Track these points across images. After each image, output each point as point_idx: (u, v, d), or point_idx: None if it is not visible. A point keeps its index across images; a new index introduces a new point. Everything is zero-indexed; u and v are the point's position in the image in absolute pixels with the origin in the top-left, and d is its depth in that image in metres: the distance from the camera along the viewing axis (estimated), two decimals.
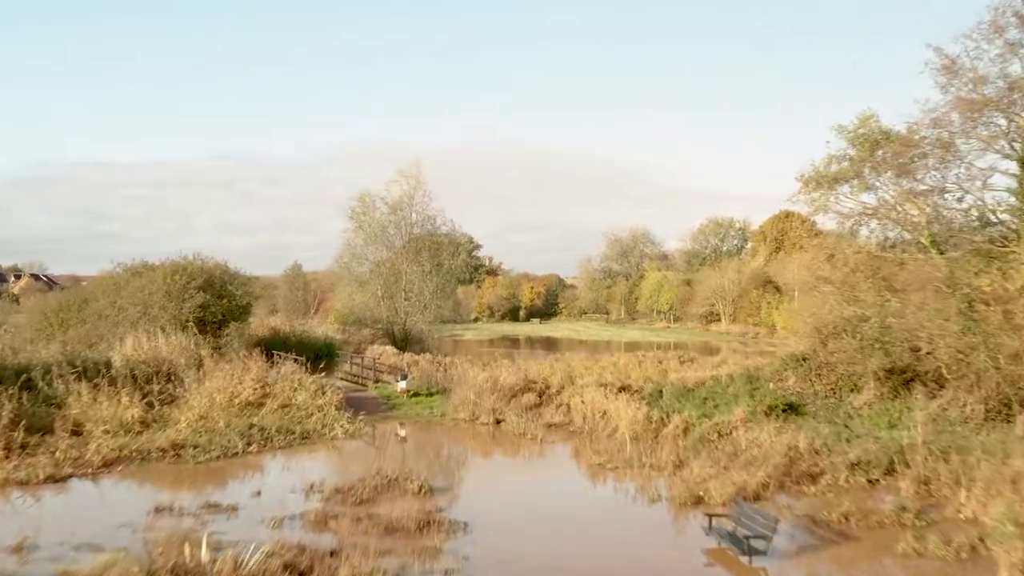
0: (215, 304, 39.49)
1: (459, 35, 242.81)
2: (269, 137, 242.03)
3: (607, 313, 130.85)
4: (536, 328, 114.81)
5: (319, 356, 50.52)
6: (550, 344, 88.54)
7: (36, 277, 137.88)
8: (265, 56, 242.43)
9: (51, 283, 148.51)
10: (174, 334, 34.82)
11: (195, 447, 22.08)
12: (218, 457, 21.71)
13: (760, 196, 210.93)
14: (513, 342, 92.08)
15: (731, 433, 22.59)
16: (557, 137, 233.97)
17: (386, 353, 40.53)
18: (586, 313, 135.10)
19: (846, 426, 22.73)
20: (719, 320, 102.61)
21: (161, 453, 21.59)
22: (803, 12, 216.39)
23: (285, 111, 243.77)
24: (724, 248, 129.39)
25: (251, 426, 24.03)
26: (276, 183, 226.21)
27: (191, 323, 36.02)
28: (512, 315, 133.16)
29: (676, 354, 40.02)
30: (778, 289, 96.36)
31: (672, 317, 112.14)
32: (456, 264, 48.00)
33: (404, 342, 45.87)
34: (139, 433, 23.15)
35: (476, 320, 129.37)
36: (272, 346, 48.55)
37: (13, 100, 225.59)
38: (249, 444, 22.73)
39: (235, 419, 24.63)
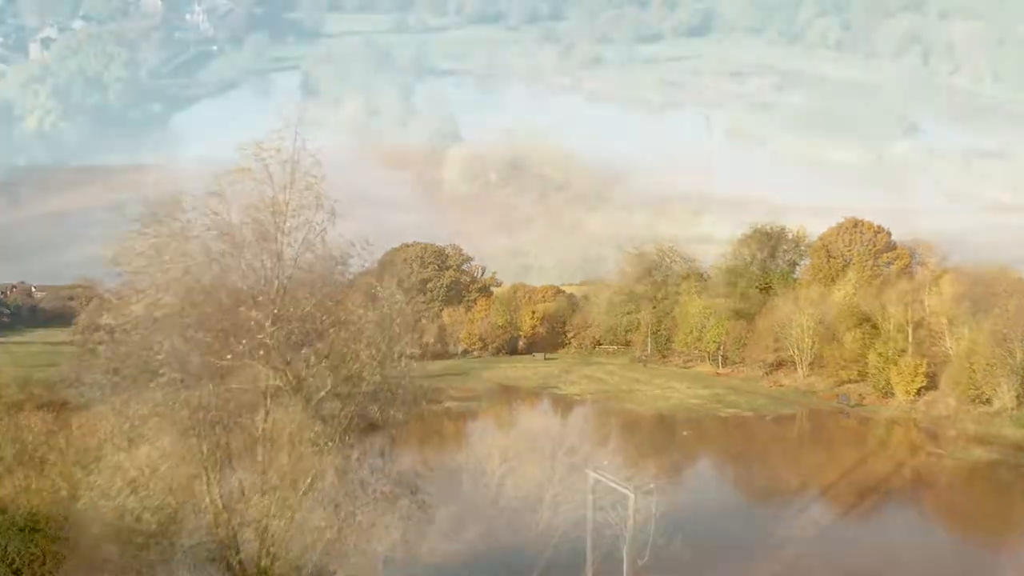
0: None
1: None
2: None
3: (627, 344, 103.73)
4: (541, 371, 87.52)
5: None
6: (565, 409, 61.99)
7: None
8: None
9: None
10: None
11: None
12: None
13: (760, 198, 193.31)
14: (511, 400, 65.53)
15: None
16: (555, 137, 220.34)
17: None
18: (601, 344, 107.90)
19: None
20: (791, 367, 75.48)
21: None
22: None
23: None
24: (775, 266, 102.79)
25: None
26: None
27: None
28: (510, 347, 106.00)
29: None
30: (875, 328, 69.53)
31: (720, 359, 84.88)
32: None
33: None
34: None
35: (465, 354, 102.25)
36: None
37: None
38: None
39: None
